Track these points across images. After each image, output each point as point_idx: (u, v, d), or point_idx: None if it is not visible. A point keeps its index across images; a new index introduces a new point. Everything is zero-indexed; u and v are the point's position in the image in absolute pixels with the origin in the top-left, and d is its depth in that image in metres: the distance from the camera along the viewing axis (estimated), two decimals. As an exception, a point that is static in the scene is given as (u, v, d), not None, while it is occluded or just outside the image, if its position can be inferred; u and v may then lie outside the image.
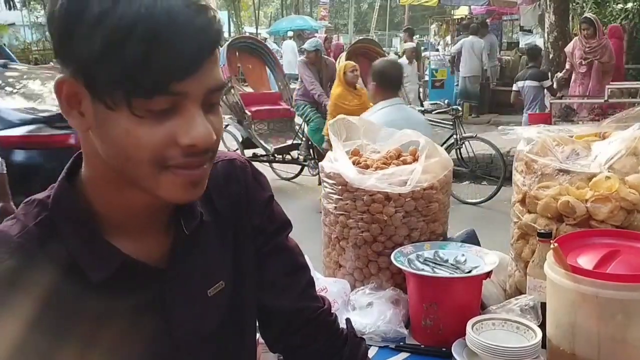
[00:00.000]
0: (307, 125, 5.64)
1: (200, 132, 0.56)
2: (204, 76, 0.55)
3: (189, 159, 0.57)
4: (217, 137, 0.59)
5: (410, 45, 8.78)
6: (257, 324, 0.80)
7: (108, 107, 0.54)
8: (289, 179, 6.11)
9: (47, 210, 0.61)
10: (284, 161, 6.09)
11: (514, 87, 6.53)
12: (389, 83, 2.58)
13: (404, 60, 7.80)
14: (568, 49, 6.36)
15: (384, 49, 7.94)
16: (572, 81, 6.31)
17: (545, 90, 6.25)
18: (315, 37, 7.94)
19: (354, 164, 1.35)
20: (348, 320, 0.87)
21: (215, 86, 0.57)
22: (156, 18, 0.51)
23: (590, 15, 6.64)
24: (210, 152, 0.59)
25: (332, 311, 0.84)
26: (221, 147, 0.66)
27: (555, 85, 6.35)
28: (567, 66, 6.40)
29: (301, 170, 6.06)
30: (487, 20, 10.96)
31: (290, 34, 14.52)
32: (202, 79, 0.55)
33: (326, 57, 6.08)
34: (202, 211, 0.68)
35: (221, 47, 0.63)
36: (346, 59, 6.46)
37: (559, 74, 6.50)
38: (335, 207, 1.34)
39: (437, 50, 12.25)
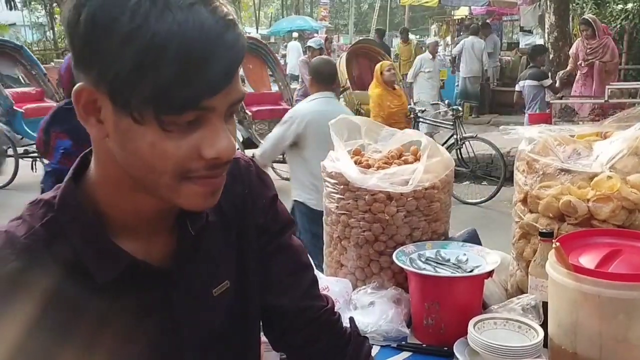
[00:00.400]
0: None
1: (224, 145, 0.56)
2: (231, 90, 0.56)
3: (211, 171, 0.57)
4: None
5: (433, 40, 8.74)
6: (261, 323, 0.80)
7: (135, 121, 0.54)
8: (289, 179, 6.11)
9: (53, 211, 0.61)
10: (284, 161, 6.10)
11: (517, 88, 6.53)
12: (321, 78, 2.94)
13: (427, 55, 7.61)
14: (572, 50, 6.36)
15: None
16: (575, 82, 6.31)
17: (546, 89, 6.26)
18: (316, 37, 7.95)
19: (355, 163, 1.36)
20: (351, 319, 0.87)
21: (238, 99, 0.58)
22: (189, 36, 0.51)
23: (589, 16, 6.64)
24: (229, 162, 0.60)
25: (335, 310, 0.84)
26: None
27: (557, 84, 6.35)
28: (569, 67, 6.40)
29: (301, 170, 6.06)
30: (487, 21, 10.96)
31: (295, 34, 14.53)
32: (228, 94, 0.56)
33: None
34: (208, 211, 0.68)
35: None
36: (346, 60, 6.49)
37: (560, 73, 6.50)
38: (337, 206, 1.34)
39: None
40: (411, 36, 11.56)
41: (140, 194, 0.60)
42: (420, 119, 5.87)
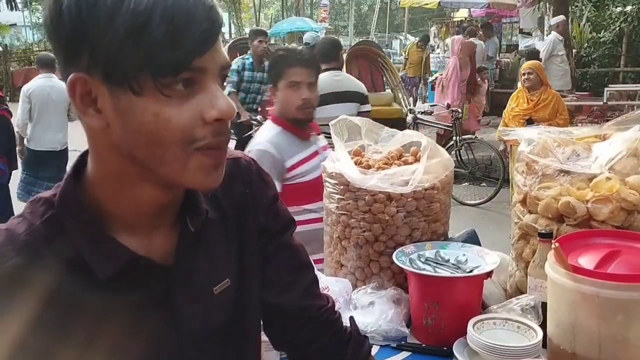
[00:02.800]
0: None
1: (224, 104, 0.58)
2: (217, 53, 0.58)
3: (219, 138, 0.59)
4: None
5: (561, 18, 8.62)
6: (261, 322, 0.80)
7: (134, 92, 0.55)
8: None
9: (53, 209, 0.61)
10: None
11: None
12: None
13: (557, 36, 6.90)
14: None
15: (383, 50, 7.94)
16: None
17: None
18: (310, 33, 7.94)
19: (355, 164, 1.36)
20: (352, 319, 0.87)
21: (226, 63, 0.60)
22: None
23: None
24: (229, 134, 0.61)
25: (335, 309, 0.84)
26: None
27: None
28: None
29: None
30: (489, 22, 10.98)
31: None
32: (216, 56, 0.58)
33: None
34: (208, 209, 0.68)
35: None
36: (346, 61, 6.48)
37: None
38: (337, 206, 1.34)
39: (434, 50, 12.29)
40: (411, 38, 11.60)
41: (142, 186, 0.60)
42: (420, 121, 5.88)
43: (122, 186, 0.61)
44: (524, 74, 4.33)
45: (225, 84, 1.84)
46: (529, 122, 4.32)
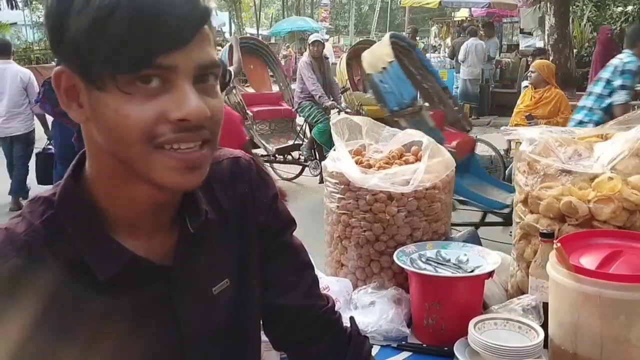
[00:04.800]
0: (313, 126, 5.64)
1: (192, 105, 0.55)
2: (194, 51, 0.55)
3: (180, 134, 0.56)
4: (214, 118, 0.58)
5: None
6: (262, 322, 0.80)
7: (98, 89, 0.55)
8: (289, 179, 6.11)
9: (53, 208, 0.61)
10: (285, 161, 6.10)
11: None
12: None
13: None
14: None
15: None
16: None
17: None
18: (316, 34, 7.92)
19: (356, 163, 1.36)
20: (352, 319, 0.87)
21: (207, 62, 0.57)
22: None
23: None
24: (206, 130, 0.58)
25: (336, 310, 0.84)
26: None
27: None
28: None
29: (302, 170, 6.07)
30: (490, 21, 10.97)
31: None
32: (191, 54, 0.55)
33: (326, 57, 6.08)
34: (207, 209, 0.68)
35: (223, 43, 0.64)
36: (347, 60, 6.47)
37: None
38: (338, 206, 1.34)
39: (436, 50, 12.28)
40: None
41: (133, 184, 0.60)
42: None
43: (115, 184, 0.61)
44: (530, 72, 4.57)
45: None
46: (529, 118, 4.37)
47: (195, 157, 0.58)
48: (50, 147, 4.73)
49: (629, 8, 8.66)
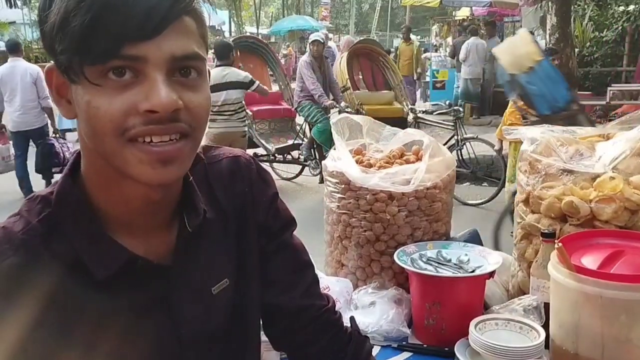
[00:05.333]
0: (313, 125, 5.64)
1: (161, 96, 0.54)
2: (166, 42, 0.54)
3: (150, 126, 0.55)
4: (193, 112, 0.57)
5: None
6: (261, 322, 0.80)
7: (72, 81, 0.55)
8: (289, 179, 6.11)
9: (50, 207, 0.61)
10: (284, 161, 6.09)
11: None
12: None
13: None
14: None
15: (385, 49, 7.92)
16: None
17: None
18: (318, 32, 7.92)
19: (357, 163, 1.35)
20: (352, 319, 0.86)
21: (183, 54, 0.55)
22: None
23: None
24: (181, 123, 0.56)
25: (336, 309, 0.83)
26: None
27: None
28: None
29: (302, 170, 6.06)
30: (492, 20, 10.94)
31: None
32: (163, 45, 0.54)
33: (326, 55, 6.08)
34: (206, 208, 0.68)
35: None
36: (347, 59, 6.47)
37: None
38: (338, 205, 1.34)
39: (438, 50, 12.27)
40: (412, 36, 11.55)
41: (124, 182, 0.59)
42: (421, 120, 5.87)
43: (107, 182, 0.60)
44: None
45: None
46: (525, 118, 4.35)
47: (169, 150, 0.56)
48: (52, 138, 5.12)
49: (631, 7, 8.64)
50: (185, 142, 0.57)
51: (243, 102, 4.79)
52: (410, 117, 5.99)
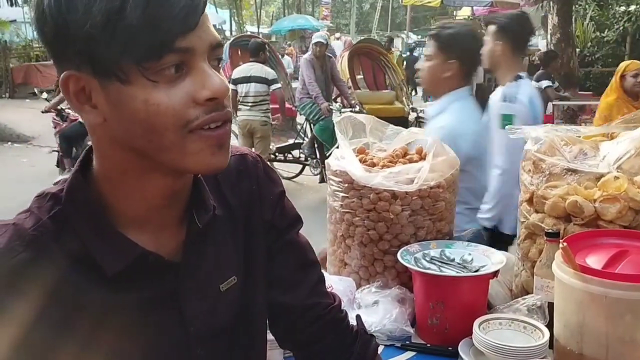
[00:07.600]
0: (314, 124, 5.64)
1: (217, 82, 0.56)
2: (204, 31, 0.56)
3: (212, 114, 0.57)
4: (227, 96, 0.59)
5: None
6: (267, 320, 0.80)
7: (121, 82, 0.54)
8: (290, 178, 6.11)
9: (61, 204, 0.61)
10: (285, 160, 6.10)
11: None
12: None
13: None
14: None
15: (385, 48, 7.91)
16: None
17: (548, 91, 6.24)
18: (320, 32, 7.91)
19: (360, 162, 1.35)
20: (358, 317, 0.86)
21: (216, 41, 0.58)
22: None
23: None
24: (227, 107, 0.59)
25: (342, 308, 0.83)
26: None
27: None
28: None
29: (302, 169, 6.07)
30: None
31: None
32: (203, 35, 0.56)
33: (329, 54, 6.08)
34: (215, 205, 0.68)
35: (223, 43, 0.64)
36: (348, 59, 6.48)
37: None
38: (341, 205, 1.34)
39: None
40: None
41: (148, 178, 0.60)
42: (422, 120, 5.87)
43: (129, 179, 0.61)
44: (633, 76, 3.29)
45: None
46: None
47: (224, 133, 0.59)
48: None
49: (632, 7, 8.64)
50: (229, 125, 0.60)
51: (267, 96, 5.16)
52: (412, 116, 5.99)
